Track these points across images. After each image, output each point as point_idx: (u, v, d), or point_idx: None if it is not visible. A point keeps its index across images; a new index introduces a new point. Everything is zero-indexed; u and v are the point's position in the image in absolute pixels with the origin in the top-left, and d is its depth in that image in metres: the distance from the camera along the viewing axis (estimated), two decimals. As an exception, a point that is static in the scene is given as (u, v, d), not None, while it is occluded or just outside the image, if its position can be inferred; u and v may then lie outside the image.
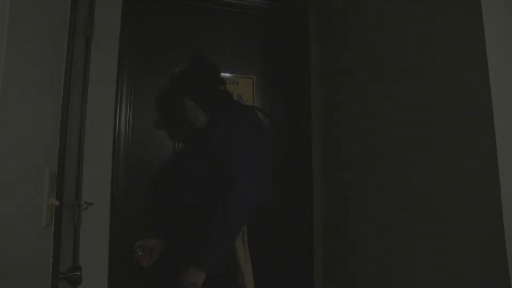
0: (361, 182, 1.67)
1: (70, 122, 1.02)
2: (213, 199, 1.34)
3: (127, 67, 1.87)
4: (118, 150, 1.80)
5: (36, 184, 0.72)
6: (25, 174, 0.65)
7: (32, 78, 0.67)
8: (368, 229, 1.61)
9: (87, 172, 1.63)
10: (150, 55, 1.96)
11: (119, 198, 1.77)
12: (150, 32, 1.97)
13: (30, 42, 0.64)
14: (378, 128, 1.56)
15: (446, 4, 1.21)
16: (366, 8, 1.68)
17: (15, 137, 0.59)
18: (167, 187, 1.74)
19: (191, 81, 1.58)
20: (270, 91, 2.13)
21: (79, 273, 0.99)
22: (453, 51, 1.18)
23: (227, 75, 2.01)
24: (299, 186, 2.02)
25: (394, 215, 1.44)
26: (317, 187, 2.02)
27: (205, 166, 1.40)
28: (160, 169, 1.89)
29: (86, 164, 1.63)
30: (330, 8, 2.02)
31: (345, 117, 1.84)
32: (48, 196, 0.76)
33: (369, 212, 1.60)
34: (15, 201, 0.60)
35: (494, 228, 1.01)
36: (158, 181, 1.87)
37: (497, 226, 0.99)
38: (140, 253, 1.58)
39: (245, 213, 1.29)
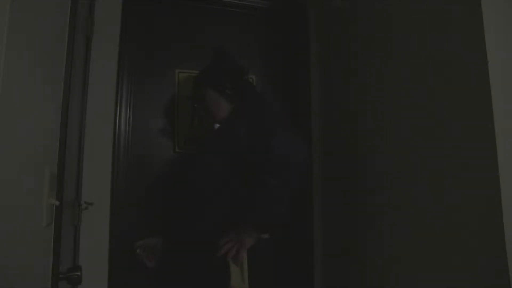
0: (361, 182, 1.67)
1: (70, 122, 1.01)
2: (248, 180, 1.33)
3: (127, 67, 1.86)
4: (118, 150, 1.80)
5: (36, 184, 0.72)
6: (25, 174, 0.65)
7: (32, 78, 0.68)
8: (368, 229, 1.61)
9: (87, 172, 1.63)
10: (150, 55, 1.95)
11: (119, 198, 1.77)
12: (150, 32, 1.97)
13: (30, 42, 0.64)
14: (378, 128, 1.56)
15: (446, 4, 1.21)
16: (366, 7, 1.68)
17: (15, 137, 0.59)
18: (174, 186, 1.74)
19: (212, 72, 1.55)
20: (270, 91, 2.13)
21: (79, 273, 0.99)
22: (453, 51, 1.18)
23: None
24: (299, 186, 2.02)
25: (394, 215, 1.44)
26: (317, 186, 2.02)
27: (231, 156, 1.38)
28: (164, 168, 1.89)
29: (86, 164, 1.63)
30: (330, 8, 2.02)
31: (345, 116, 1.84)
32: (48, 196, 0.76)
33: (369, 212, 1.60)
34: (15, 201, 0.60)
35: (494, 228, 1.00)
36: (162, 180, 1.87)
37: (497, 226, 0.99)
38: (140, 253, 1.58)
39: (295, 174, 1.28)
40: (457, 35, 1.16)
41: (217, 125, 1.50)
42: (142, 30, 1.95)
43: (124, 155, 1.82)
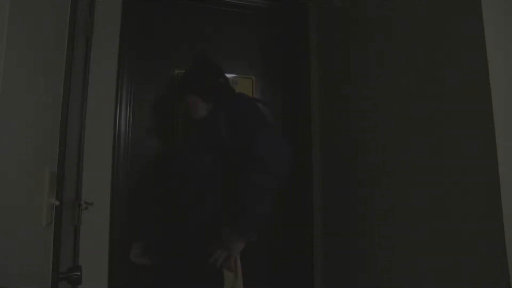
0: (361, 182, 1.67)
1: (70, 122, 1.01)
2: (229, 178, 1.35)
3: (127, 67, 1.87)
4: (118, 150, 1.80)
5: (36, 184, 0.72)
6: (25, 174, 0.65)
7: (32, 78, 0.67)
8: (368, 229, 1.61)
9: (87, 172, 1.63)
10: (150, 55, 1.96)
11: (119, 198, 1.77)
12: (150, 32, 1.97)
13: (30, 42, 0.64)
14: (379, 128, 1.56)
15: (446, 4, 1.21)
16: (366, 7, 1.68)
17: (15, 137, 0.59)
18: (169, 186, 1.75)
19: (189, 76, 1.62)
20: (270, 91, 2.13)
21: (79, 273, 0.99)
22: (453, 51, 1.18)
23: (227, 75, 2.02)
24: (299, 186, 2.02)
25: (394, 215, 1.44)
26: (317, 187, 2.02)
27: (212, 155, 1.40)
28: (163, 168, 1.89)
29: (86, 164, 1.63)
30: (330, 8, 2.02)
31: (345, 116, 1.84)
32: (48, 196, 0.76)
33: (369, 212, 1.60)
34: (15, 201, 0.60)
35: (494, 228, 1.00)
36: (161, 180, 1.87)
37: (497, 226, 0.99)
38: (138, 251, 1.59)
39: (277, 174, 1.28)
40: (457, 35, 1.16)
41: (199, 125, 1.55)
42: (142, 30, 1.95)
43: (124, 155, 1.82)
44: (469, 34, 1.11)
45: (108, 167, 1.75)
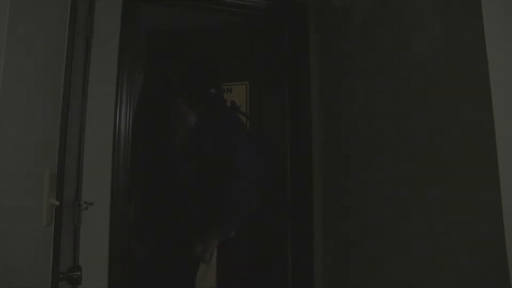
0: (361, 183, 1.67)
1: (70, 122, 1.01)
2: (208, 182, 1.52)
3: (127, 67, 1.86)
4: (118, 150, 1.80)
5: (36, 184, 0.72)
6: (25, 174, 0.65)
7: (32, 78, 0.68)
8: (368, 229, 1.61)
9: (87, 172, 1.62)
10: (150, 54, 1.96)
11: (119, 198, 1.77)
12: (150, 32, 1.97)
13: (30, 42, 0.64)
14: (379, 128, 1.56)
15: (446, 4, 1.21)
16: (366, 7, 1.68)
17: (16, 137, 0.59)
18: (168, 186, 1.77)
19: (182, 82, 1.69)
20: (267, 93, 2.13)
21: (79, 273, 0.99)
22: (453, 51, 1.18)
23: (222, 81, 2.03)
24: (299, 187, 2.02)
25: (394, 215, 1.44)
26: (317, 187, 2.02)
27: (197, 164, 1.52)
28: (163, 168, 1.91)
29: (86, 164, 1.63)
30: (330, 8, 2.02)
31: (346, 116, 1.84)
32: (48, 196, 0.76)
33: (369, 211, 1.60)
34: (15, 201, 0.60)
35: (494, 228, 1.00)
36: (159, 180, 1.88)
37: (497, 226, 0.99)
38: (135, 244, 1.63)
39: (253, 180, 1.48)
40: (457, 35, 1.16)
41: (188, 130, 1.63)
42: (142, 29, 1.95)
43: (124, 155, 1.82)
44: (469, 34, 1.11)
45: (108, 167, 1.74)
